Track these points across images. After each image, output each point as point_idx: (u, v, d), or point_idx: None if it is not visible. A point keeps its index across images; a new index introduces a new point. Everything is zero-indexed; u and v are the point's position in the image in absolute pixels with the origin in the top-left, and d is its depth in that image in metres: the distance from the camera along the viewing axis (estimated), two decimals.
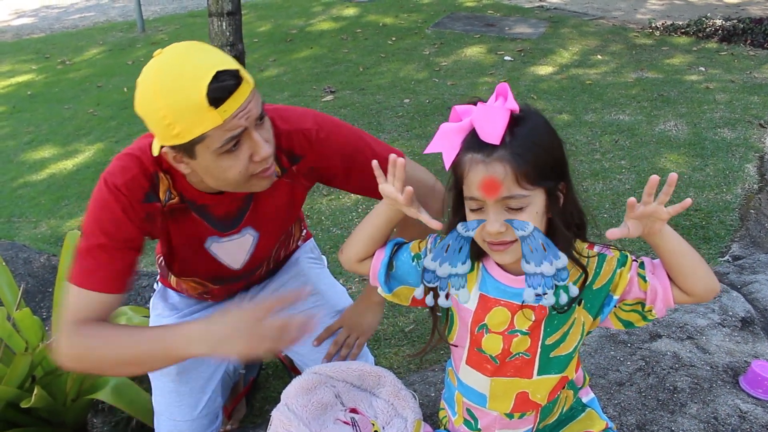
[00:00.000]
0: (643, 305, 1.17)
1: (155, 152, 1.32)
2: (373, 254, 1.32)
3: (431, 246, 1.26)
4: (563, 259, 1.10)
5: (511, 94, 1.07)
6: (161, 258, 1.72)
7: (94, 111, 5.72)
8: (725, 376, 1.74)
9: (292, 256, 1.92)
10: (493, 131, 1.04)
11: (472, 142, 1.07)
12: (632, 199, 1.06)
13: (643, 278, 1.16)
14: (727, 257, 2.79)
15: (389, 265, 1.30)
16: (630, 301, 1.18)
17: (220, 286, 1.71)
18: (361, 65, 6.17)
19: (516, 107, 1.06)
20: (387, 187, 1.20)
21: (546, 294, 1.10)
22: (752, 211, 3.21)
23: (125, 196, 1.36)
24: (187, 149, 1.26)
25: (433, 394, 1.77)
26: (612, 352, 1.85)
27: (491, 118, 1.05)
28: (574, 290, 1.14)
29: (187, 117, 1.19)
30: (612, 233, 1.07)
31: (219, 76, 1.19)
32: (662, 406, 1.64)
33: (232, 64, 1.23)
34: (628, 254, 1.20)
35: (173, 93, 1.19)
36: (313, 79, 5.83)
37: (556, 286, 1.12)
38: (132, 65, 7.05)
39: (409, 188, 1.17)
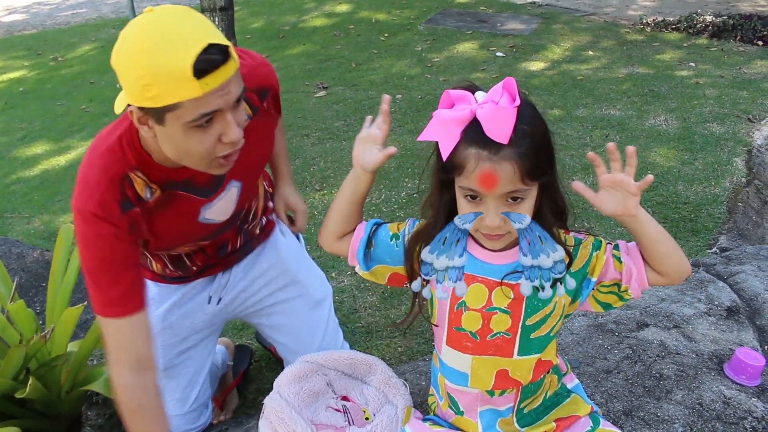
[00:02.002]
0: (619, 286, 1.22)
1: (118, 110, 1.28)
2: (351, 232, 1.35)
3: (410, 228, 1.29)
4: (560, 252, 1.13)
5: (517, 91, 1.08)
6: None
7: (87, 107, 5.72)
8: (710, 364, 1.78)
9: (271, 237, 1.89)
10: (502, 131, 1.05)
11: (476, 136, 1.07)
12: (591, 153, 1.13)
13: (618, 259, 1.20)
14: (714, 249, 2.82)
15: (368, 244, 1.33)
16: (607, 282, 1.22)
17: (210, 241, 1.68)
18: (353, 61, 6.18)
19: (519, 102, 1.08)
20: (366, 131, 1.27)
21: (544, 288, 1.14)
22: (740, 204, 3.25)
23: (104, 219, 1.33)
24: (158, 114, 1.21)
25: (423, 383, 1.79)
26: (600, 341, 1.88)
27: (501, 118, 1.05)
28: (571, 282, 1.18)
29: (166, 82, 1.15)
30: (576, 185, 1.11)
31: (209, 48, 1.15)
32: (648, 392, 1.67)
33: (223, 39, 1.20)
34: (602, 239, 1.23)
35: (158, 55, 1.14)
36: (306, 75, 5.84)
37: (554, 279, 1.15)
38: None
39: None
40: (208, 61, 1.15)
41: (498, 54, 6.11)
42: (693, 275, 2.26)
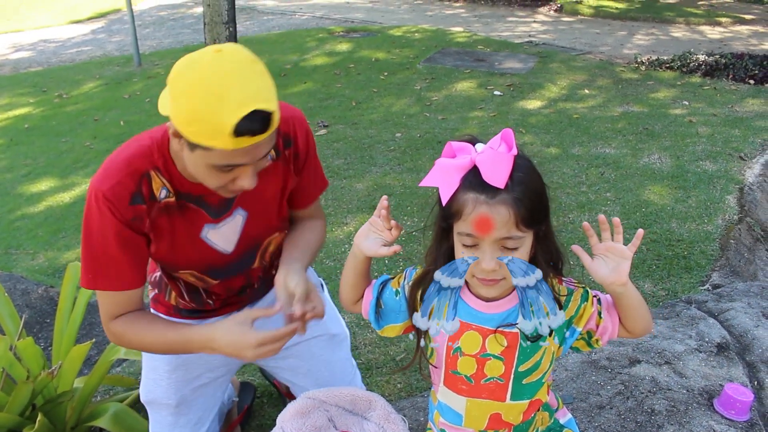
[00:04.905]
0: (591, 335, 1.28)
1: (161, 111, 1.37)
2: (363, 296, 1.43)
3: (408, 277, 1.35)
4: (538, 272, 1.18)
5: (514, 141, 1.15)
6: (155, 275, 1.76)
7: (91, 144, 5.81)
8: (700, 399, 1.82)
9: None
10: (499, 176, 1.11)
11: (475, 182, 1.13)
12: (585, 223, 1.19)
13: (599, 314, 1.27)
14: (707, 286, 2.88)
15: (378, 303, 1.40)
16: (582, 331, 1.28)
17: (219, 281, 1.72)
18: (353, 100, 6.30)
19: (516, 152, 1.15)
20: (380, 222, 1.30)
21: (540, 323, 1.18)
22: (732, 241, 3.31)
23: (112, 202, 1.42)
24: (190, 144, 1.31)
25: (422, 419, 1.84)
26: (593, 377, 1.92)
27: (498, 163, 1.12)
28: (557, 321, 1.22)
29: (207, 129, 1.25)
30: (576, 248, 1.18)
31: (253, 115, 1.24)
32: (640, 428, 1.72)
33: (270, 102, 1.28)
34: (589, 290, 1.29)
35: (208, 102, 1.23)
36: (307, 114, 5.86)
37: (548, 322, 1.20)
38: (128, 99, 7.16)
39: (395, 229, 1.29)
40: (249, 128, 1.25)
41: (495, 93, 6.23)
42: (684, 312, 2.31)
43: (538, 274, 1.17)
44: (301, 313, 1.46)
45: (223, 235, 1.63)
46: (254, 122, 1.25)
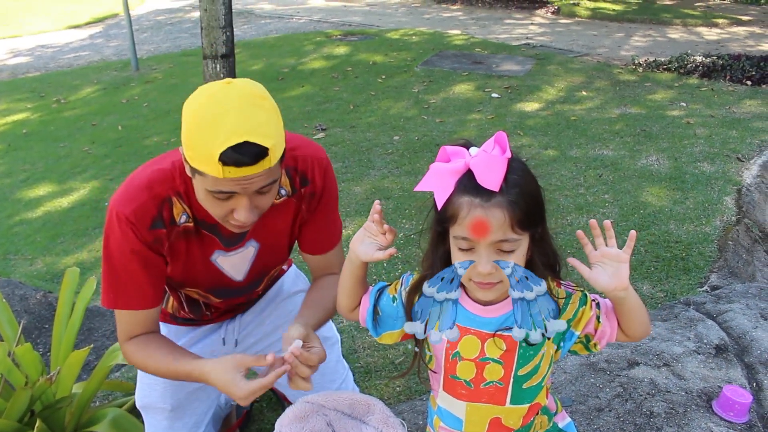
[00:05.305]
0: (589, 339, 1.28)
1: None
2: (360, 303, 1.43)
3: (405, 283, 1.35)
4: (543, 286, 1.18)
5: (508, 144, 1.15)
6: None
7: (89, 149, 5.81)
8: (699, 401, 1.82)
9: (278, 283, 1.95)
10: (493, 179, 1.12)
11: (469, 185, 1.13)
12: (580, 231, 1.19)
13: (598, 318, 1.27)
14: (705, 287, 2.88)
15: (375, 310, 1.40)
16: (580, 335, 1.28)
17: (222, 299, 1.76)
18: (351, 103, 6.30)
19: (510, 154, 1.15)
20: (374, 227, 1.30)
21: (543, 331, 1.18)
22: (730, 242, 3.32)
23: (134, 224, 1.45)
24: (190, 167, 1.36)
25: (421, 422, 1.84)
26: (592, 380, 1.92)
27: (492, 166, 1.12)
28: (555, 327, 1.22)
29: (197, 152, 1.29)
30: (573, 261, 1.18)
31: (243, 145, 1.25)
32: (639, 430, 1.72)
33: (268, 138, 1.28)
34: (587, 293, 1.29)
35: (202, 130, 1.28)
36: (305, 117, 5.95)
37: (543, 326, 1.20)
38: (126, 104, 7.16)
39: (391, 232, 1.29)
40: (234, 159, 1.26)
41: (493, 95, 6.23)
42: (683, 314, 2.31)
43: (540, 288, 1.15)
44: (290, 356, 1.45)
45: (233, 264, 1.66)
46: (243, 154, 1.26)
